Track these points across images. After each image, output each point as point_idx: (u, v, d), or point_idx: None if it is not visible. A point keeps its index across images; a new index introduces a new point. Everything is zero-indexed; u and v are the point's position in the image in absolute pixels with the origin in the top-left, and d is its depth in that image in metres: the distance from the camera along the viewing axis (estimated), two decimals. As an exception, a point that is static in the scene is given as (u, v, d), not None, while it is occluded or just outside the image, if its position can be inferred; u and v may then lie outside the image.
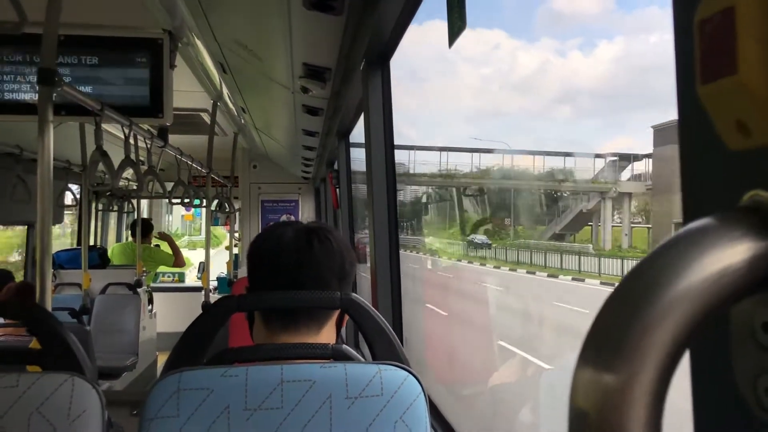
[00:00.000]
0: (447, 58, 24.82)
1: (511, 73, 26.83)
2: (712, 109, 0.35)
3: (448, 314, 8.51)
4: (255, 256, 1.16)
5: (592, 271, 9.08)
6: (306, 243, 1.12)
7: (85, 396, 1.00)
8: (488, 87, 26.05)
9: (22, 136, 4.00)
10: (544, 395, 2.58)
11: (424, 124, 24.59)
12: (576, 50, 28.09)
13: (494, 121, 23.57)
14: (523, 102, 23.90)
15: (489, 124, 23.21)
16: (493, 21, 25.65)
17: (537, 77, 26.63)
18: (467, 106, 24.57)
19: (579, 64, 26.10)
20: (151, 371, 5.39)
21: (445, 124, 26.12)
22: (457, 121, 26.58)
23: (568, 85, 23.74)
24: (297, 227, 1.16)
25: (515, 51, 28.83)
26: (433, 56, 24.76)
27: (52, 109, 1.96)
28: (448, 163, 17.25)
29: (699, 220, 0.32)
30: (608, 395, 0.30)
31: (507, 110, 24.76)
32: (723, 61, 0.33)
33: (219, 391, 0.92)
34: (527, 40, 28.65)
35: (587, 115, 24.23)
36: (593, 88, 23.56)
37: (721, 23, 0.33)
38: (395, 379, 0.97)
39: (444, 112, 26.64)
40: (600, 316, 0.32)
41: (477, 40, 24.60)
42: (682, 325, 0.30)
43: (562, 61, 25.72)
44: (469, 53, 24.12)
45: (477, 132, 23.89)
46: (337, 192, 4.40)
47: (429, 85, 26.10)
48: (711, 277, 0.30)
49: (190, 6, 2.38)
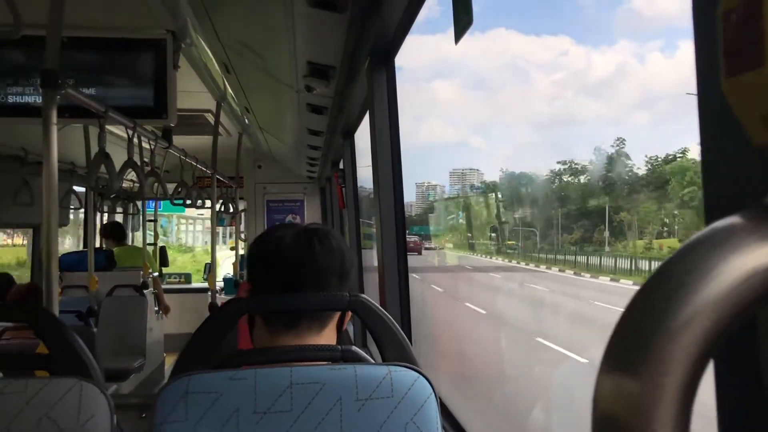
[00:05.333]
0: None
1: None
2: (737, 104, 0.33)
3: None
4: (256, 258, 1.16)
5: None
6: (306, 243, 1.12)
7: (94, 400, 0.99)
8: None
9: (27, 139, 4.01)
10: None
11: (492, 132, 24.15)
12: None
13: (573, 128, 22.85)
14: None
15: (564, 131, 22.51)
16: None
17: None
18: (541, 112, 23.91)
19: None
20: (158, 373, 5.40)
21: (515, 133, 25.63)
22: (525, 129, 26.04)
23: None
24: (297, 229, 1.16)
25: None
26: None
27: (56, 111, 1.96)
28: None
29: (723, 219, 0.31)
30: (634, 401, 0.29)
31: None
32: (749, 54, 0.31)
33: (228, 394, 0.91)
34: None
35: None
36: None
37: (746, 13, 0.31)
38: (406, 380, 0.96)
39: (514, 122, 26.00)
40: (623, 319, 0.31)
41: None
42: (708, 329, 0.29)
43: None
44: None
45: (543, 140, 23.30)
46: (343, 191, 4.39)
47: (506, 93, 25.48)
48: (738, 279, 0.29)
49: (193, 6, 2.38)
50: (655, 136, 21.66)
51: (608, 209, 13.52)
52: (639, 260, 11.03)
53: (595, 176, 14.90)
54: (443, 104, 27.79)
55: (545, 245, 15.59)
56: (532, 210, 17.15)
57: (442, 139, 31.45)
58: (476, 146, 18.85)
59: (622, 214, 13.42)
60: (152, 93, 2.78)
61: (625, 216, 13.37)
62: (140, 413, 2.11)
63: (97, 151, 2.59)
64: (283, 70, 2.61)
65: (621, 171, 14.04)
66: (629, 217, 13.26)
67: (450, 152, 26.84)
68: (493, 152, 20.60)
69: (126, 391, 4.57)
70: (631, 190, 13.75)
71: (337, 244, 1.15)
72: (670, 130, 23.88)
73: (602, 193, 14.39)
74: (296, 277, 1.11)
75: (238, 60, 2.88)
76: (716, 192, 0.39)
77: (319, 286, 1.11)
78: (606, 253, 12.28)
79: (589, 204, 14.54)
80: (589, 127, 24.16)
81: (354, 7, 1.74)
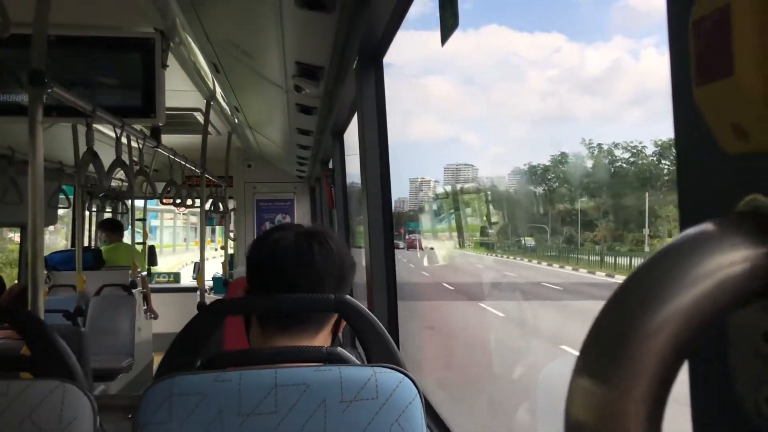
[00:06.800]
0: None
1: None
2: (708, 112, 0.34)
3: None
4: (255, 259, 1.16)
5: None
6: (306, 247, 1.12)
7: (77, 402, 0.99)
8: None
9: (14, 138, 3.98)
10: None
11: (486, 129, 23.76)
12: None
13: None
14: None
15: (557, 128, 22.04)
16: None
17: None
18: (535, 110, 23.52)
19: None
20: (147, 372, 5.38)
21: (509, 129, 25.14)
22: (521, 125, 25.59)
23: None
24: (297, 231, 1.16)
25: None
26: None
27: (42, 110, 1.94)
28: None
29: (697, 225, 0.31)
30: (605, 406, 0.29)
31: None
32: (719, 63, 0.32)
33: (212, 396, 0.91)
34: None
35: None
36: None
37: (716, 23, 0.32)
38: (390, 382, 0.96)
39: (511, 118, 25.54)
40: (596, 325, 0.31)
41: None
42: (680, 334, 0.30)
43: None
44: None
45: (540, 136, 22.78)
46: (332, 191, 4.39)
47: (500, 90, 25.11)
48: (709, 285, 0.30)
49: (181, 5, 2.37)
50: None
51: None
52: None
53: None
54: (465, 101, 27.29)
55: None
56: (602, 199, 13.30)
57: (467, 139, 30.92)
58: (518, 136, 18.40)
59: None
60: (141, 92, 2.77)
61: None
62: (126, 414, 2.10)
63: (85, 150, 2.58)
64: (272, 70, 2.61)
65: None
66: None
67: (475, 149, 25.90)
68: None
69: (114, 391, 4.56)
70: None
71: (336, 247, 1.15)
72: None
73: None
74: (293, 280, 1.11)
75: (227, 59, 2.87)
76: (691, 199, 0.40)
77: (316, 290, 1.11)
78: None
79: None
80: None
81: (342, 8, 1.74)
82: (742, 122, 0.32)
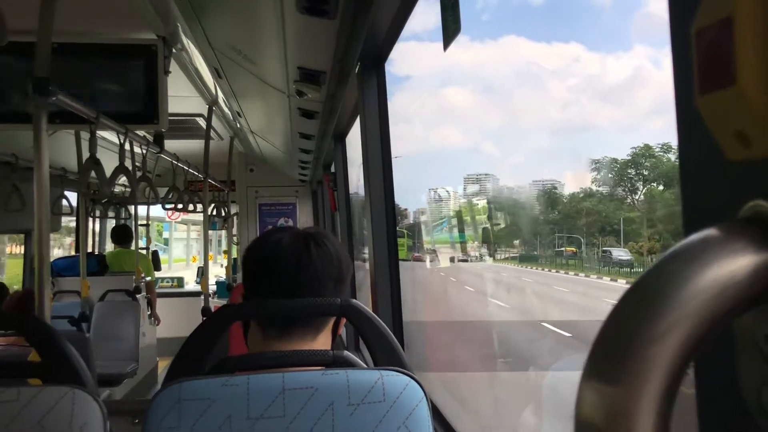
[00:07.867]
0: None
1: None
2: (711, 120, 0.35)
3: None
4: (252, 262, 1.14)
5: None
6: (304, 248, 1.11)
7: (87, 408, 1.00)
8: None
9: (18, 145, 3.99)
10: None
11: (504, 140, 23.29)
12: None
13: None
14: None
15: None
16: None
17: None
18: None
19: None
20: (151, 377, 5.38)
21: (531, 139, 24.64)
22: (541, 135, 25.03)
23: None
24: (294, 232, 1.14)
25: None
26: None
27: (46, 118, 1.95)
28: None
29: (700, 231, 0.32)
30: (614, 408, 0.30)
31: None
32: (721, 72, 0.33)
33: (220, 401, 0.92)
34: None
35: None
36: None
37: (719, 33, 0.33)
38: (397, 385, 0.97)
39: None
40: (604, 329, 0.32)
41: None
42: (686, 338, 0.30)
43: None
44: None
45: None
46: (334, 195, 4.40)
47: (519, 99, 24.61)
48: (714, 290, 0.30)
49: (183, 12, 2.38)
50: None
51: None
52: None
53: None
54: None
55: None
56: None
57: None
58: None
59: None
60: (143, 98, 2.78)
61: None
62: (134, 419, 2.11)
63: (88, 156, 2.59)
64: (273, 75, 2.62)
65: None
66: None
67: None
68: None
69: (119, 397, 4.56)
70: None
71: (334, 248, 1.14)
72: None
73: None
74: (291, 282, 1.10)
75: (229, 65, 2.88)
76: (694, 205, 0.40)
77: (315, 292, 1.10)
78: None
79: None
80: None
81: (344, 14, 1.75)
82: (744, 129, 0.33)
